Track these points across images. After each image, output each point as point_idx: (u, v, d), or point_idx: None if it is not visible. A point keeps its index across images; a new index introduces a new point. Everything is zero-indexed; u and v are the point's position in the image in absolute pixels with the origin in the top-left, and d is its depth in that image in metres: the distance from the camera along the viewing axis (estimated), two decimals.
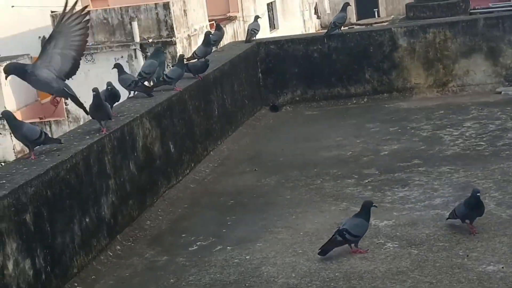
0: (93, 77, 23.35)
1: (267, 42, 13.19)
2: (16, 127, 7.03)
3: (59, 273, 6.60)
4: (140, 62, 24.11)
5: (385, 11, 46.30)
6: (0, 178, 6.40)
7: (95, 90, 7.84)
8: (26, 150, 7.39)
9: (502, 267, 6.20)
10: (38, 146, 7.10)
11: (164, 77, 9.72)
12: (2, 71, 20.55)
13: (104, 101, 8.01)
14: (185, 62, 10.24)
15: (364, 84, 12.99)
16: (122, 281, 6.86)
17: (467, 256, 6.49)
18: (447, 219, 7.20)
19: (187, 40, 26.32)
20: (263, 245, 7.31)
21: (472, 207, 6.93)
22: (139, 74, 9.81)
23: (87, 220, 7.16)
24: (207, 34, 11.54)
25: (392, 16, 41.34)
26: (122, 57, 25.04)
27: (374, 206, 6.95)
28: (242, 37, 27.73)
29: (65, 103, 23.97)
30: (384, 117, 11.79)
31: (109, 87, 8.46)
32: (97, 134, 7.67)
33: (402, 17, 25.61)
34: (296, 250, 7.09)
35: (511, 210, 7.42)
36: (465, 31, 12.68)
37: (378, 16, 45.39)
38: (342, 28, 13.30)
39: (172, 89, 9.62)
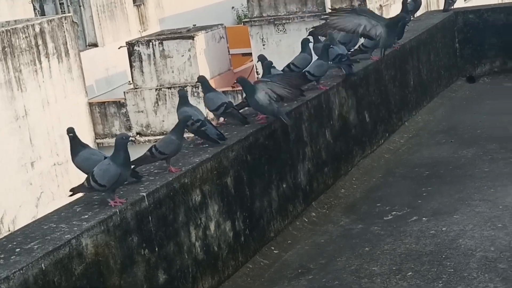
0: (284, 47, 23.63)
1: (465, 11, 12.82)
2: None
3: (257, 236, 6.78)
4: None
5: None
6: (203, 143, 6.62)
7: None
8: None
9: None
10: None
11: (361, 46, 9.67)
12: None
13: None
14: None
15: None
16: (318, 247, 6.95)
17: None
18: None
19: (379, 10, 26.03)
20: (460, 217, 7.17)
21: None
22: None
23: (284, 186, 7.30)
24: (404, 2, 11.36)
25: None
26: (313, 27, 25.17)
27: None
28: (435, 6, 27.09)
29: (257, 72, 24.40)
30: None
31: None
32: (288, 107, 7.75)
33: None
34: (495, 223, 6.91)
35: None
36: None
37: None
38: None
39: (369, 58, 9.56)
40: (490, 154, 8.85)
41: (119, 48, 24.08)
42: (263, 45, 24.56)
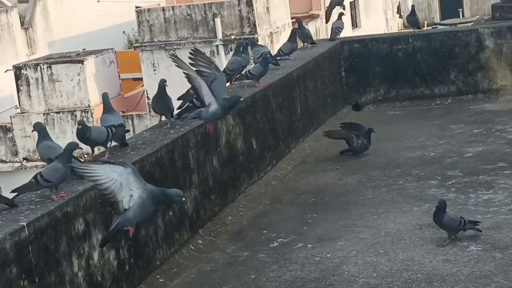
0: (175, 72, 23.64)
1: (351, 41, 13.13)
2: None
3: (142, 264, 6.71)
4: (222, 58, 24.27)
5: (470, 11, 45.52)
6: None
7: (162, 81, 7.90)
8: None
9: None
10: None
11: (247, 73, 9.77)
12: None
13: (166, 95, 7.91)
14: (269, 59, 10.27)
15: (448, 85, 12.81)
16: (204, 275, 6.93)
17: None
18: None
19: (269, 37, 26.37)
20: (344, 244, 7.29)
21: None
22: (223, 70, 9.82)
23: (170, 213, 7.26)
24: (293, 31, 11.60)
25: (477, 16, 40.64)
26: (204, 53, 25.28)
27: None
28: (324, 35, 27.63)
29: (148, 97, 24.28)
30: (468, 119, 11.62)
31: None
32: (181, 129, 7.74)
33: (488, 17, 25.20)
34: (377, 250, 7.05)
35: None
36: None
37: (463, 16, 44.67)
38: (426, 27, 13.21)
39: (255, 85, 9.65)
40: (374, 181, 9.05)
41: (5, 72, 23.57)
42: (154, 70, 24.50)
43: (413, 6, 12.99)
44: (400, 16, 46.14)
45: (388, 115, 12.52)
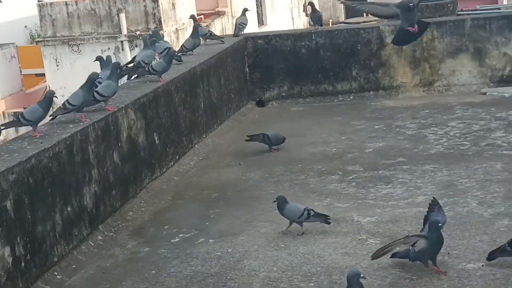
0: (79, 67, 23.25)
1: (254, 37, 13.16)
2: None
3: (39, 261, 6.56)
4: (127, 54, 24.00)
5: None
6: None
7: (50, 92, 7.64)
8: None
9: (482, 265, 6.21)
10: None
11: (150, 69, 9.68)
12: None
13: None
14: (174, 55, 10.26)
15: (350, 82, 12.99)
16: (103, 271, 6.83)
17: (448, 254, 6.49)
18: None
19: (175, 33, 26.23)
20: (246, 238, 7.30)
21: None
22: (138, 63, 9.77)
23: (69, 209, 7.12)
24: (196, 27, 11.57)
25: None
26: (109, 48, 24.90)
27: None
28: (230, 32, 27.64)
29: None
30: (369, 115, 11.80)
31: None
32: (80, 123, 7.62)
33: None
34: (278, 244, 7.08)
35: (492, 210, 7.44)
36: (452, 31, 12.71)
37: (367, 15, 45.37)
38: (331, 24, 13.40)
39: (158, 80, 9.58)
40: (276, 176, 9.09)
41: None
42: (57, 65, 24.06)
43: (311, 3, 13.04)
44: (307, 15, 46.62)
45: (291, 111, 12.61)
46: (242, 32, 13.13)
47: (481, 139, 9.89)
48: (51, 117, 7.82)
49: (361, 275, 5.46)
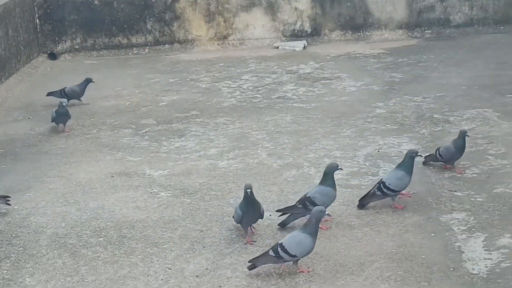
0: None
1: None
2: None
3: None
4: None
5: None
6: None
7: None
8: None
9: (270, 215, 6.32)
10: None
11: None
12: None
13: None
14: None
15: (145, 35, 12.85)
16: None
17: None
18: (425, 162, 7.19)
19: None
20: (33, 194, 7.06)
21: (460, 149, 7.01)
22: None
23: None
24: None
25: None
26: None
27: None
28: None
29: None
30: (164, 68, 11.74)
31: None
32: None
33: None
34: (67, 199, 6.91)
35: (281, 160, 7.62)
36: None
37: None
38: None
39: None
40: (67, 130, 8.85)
41: None
42: None
43: None
44: None
45: (85, 64, 12.32)
46: None
47: (273, 92, 10.09)
48: None
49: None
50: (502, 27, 12.92)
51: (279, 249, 5.35)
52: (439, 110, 8.93)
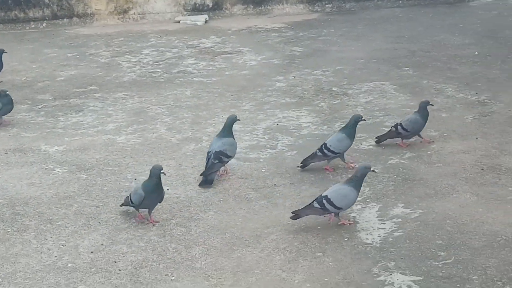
0: None
1: None
2: None
3: None
4: None
5: None
6: None
7: None
8: None
9: (168, 189, 6.27)
10: None
11: None
12: None
13: None
14: None
15: (43, 8, 12.54)
16: None
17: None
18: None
19: None
20: None
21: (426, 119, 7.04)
22: None
23: None
24: None
25: None
26: None
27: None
28: None
29: None
30: (63, 43, 11.49)
31: None
32: None
33: None
34: None
35: (180, 135, 7.56)
36: None
37: None
38: None
39: None
40: None
41: None
42: None
43: None
44: None
45: None
46: None
47: (173, 66, 10.00)
48: None
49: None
50: (400, 1, 13.13)
51: (324, 201, 5.52)
52: (338, 83, 9.01)
